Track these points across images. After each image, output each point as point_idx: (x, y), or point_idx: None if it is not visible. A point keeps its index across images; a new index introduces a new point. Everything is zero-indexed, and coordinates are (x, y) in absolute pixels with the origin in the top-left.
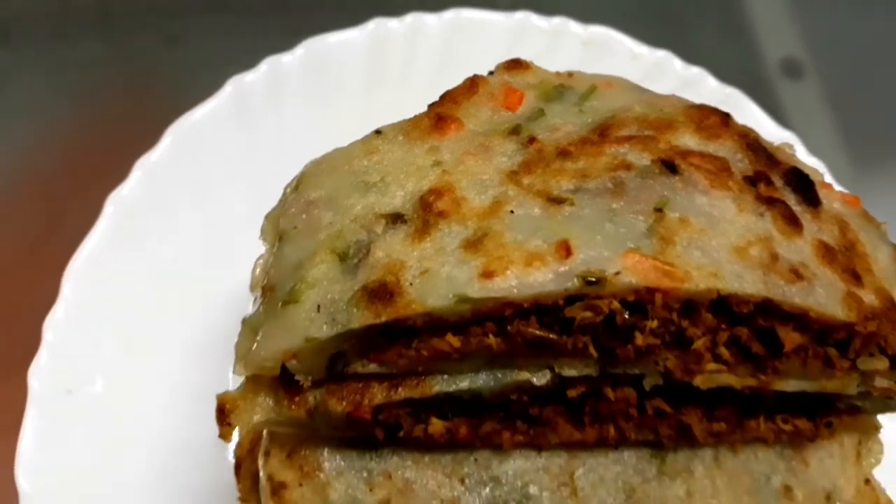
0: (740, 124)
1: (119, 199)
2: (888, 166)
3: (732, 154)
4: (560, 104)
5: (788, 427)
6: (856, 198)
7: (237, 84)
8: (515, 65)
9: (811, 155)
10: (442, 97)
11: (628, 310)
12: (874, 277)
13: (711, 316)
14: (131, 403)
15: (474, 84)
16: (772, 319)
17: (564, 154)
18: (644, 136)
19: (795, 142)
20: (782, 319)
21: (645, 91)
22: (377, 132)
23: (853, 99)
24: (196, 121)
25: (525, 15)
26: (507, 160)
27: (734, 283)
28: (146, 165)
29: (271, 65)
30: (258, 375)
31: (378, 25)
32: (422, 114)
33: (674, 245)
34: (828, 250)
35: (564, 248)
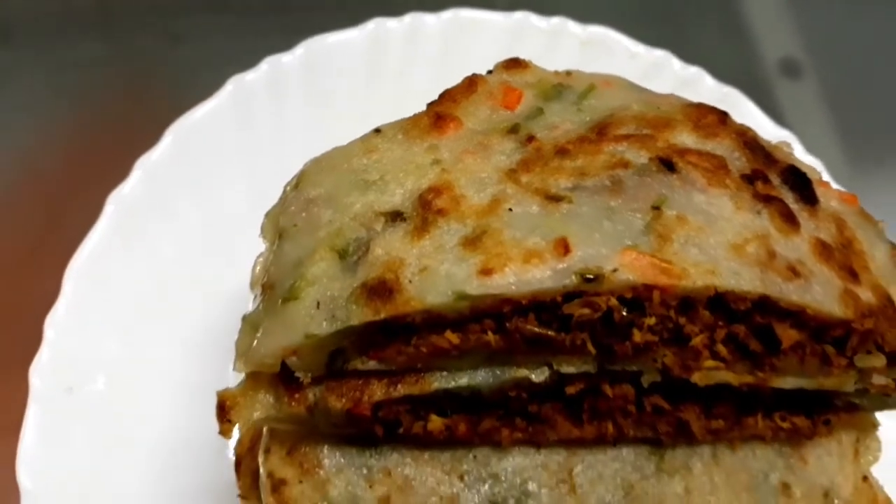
0: (738, 123)
1: (120, 198)
2: (885, 165)
3: (730, 152)
4: (558, 103)
5: (786, 424)
6: (853, 196)
7: (237, 84)
8: (514, 64)
9: (808, 153)
10: (441, 96)
11: (626, 307)
12: (871, 275)
13: (709, 313)
14: (132, 401)
15: (473, 83)
16: (769, 316)
17: (563, 152)
18: (642, 135)
19: (793, 140)
20: (780, 317)
21: (643, 90)
22: (376, 131)
23: (850, 98)
24: (196, 120)
25: (524, 15)
26: (506, 158)
27: (731, 281)
28: (147, 165)
29: (271, 64)
30: (258, 372)
31: (377, 25)
32: (421, 113)
33: (671, 242)
34: (825, 248)
35: (563, 246)
